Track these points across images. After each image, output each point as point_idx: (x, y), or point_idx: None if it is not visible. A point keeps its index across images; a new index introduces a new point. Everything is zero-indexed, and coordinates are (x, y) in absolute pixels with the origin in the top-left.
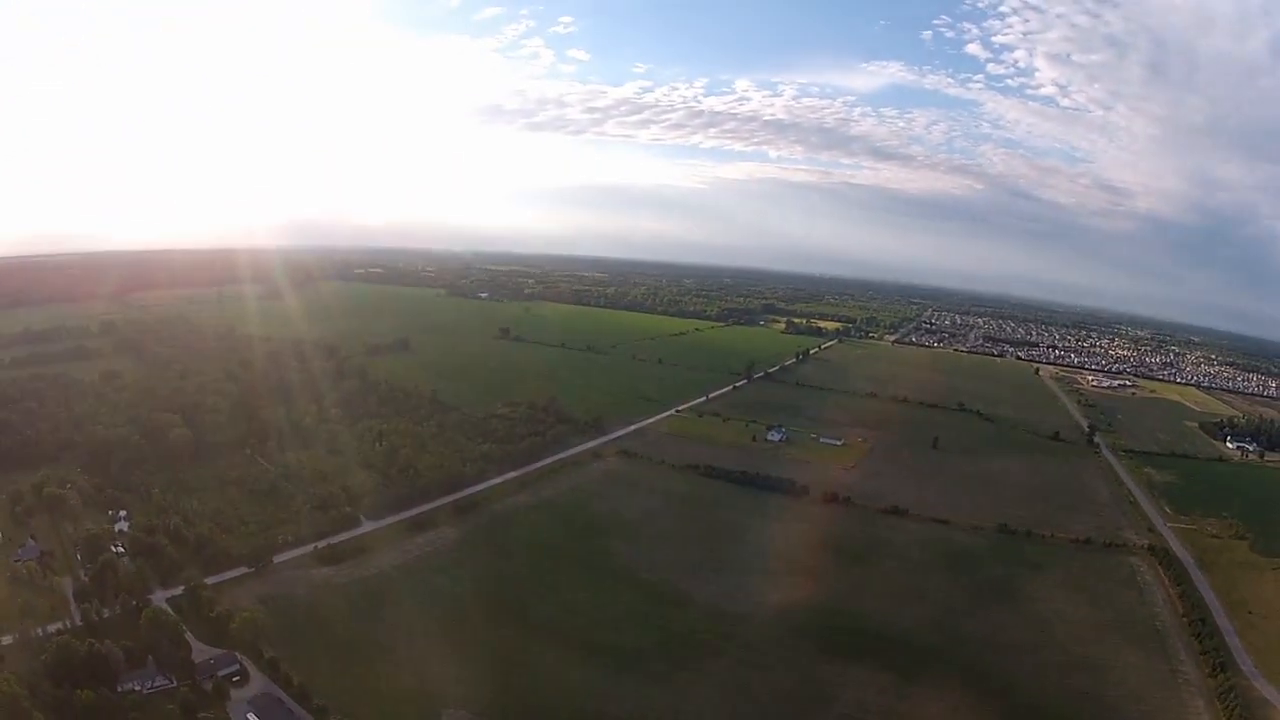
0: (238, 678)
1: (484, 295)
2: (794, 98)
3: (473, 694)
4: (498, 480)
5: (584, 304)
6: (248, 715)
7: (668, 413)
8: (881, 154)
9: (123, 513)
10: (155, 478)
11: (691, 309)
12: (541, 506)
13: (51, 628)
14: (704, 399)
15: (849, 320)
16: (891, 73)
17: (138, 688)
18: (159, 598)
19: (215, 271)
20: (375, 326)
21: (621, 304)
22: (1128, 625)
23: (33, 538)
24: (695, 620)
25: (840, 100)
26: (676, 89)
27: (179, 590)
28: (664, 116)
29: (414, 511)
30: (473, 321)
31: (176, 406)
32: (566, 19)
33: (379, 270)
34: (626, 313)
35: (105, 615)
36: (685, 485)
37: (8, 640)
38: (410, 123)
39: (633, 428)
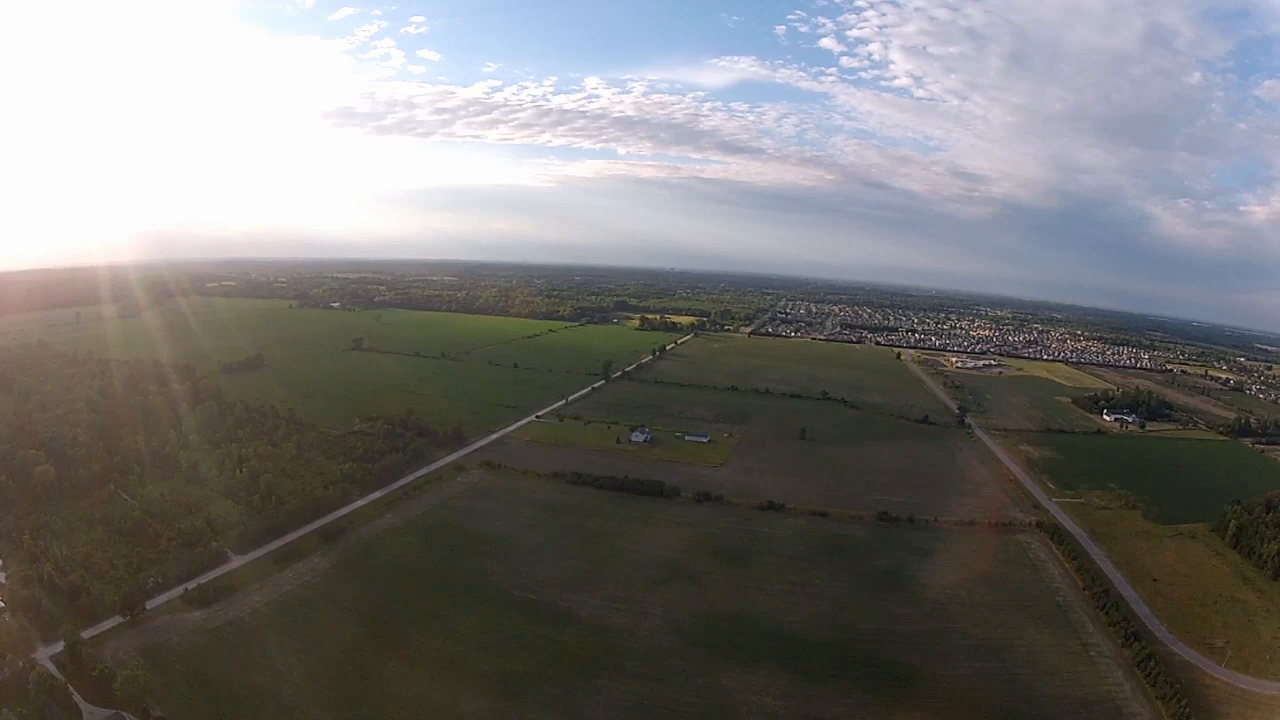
0: None
1: (335, 305)
2: (643, 94)
3: None
4: (362, 502)
5: (435, 309)
6: None
7: (528, 419)
8: (731, 148)
9: None
10: (25, 521)
11: (544, 310)
12: (409, 527)
13: None
14: (563, 402)
15: (703, 314)
16: (743, 68)
17: None
18: (42, 655)
19: (72, 292)
20: (230, 342)
21: (473, 308)
22: (1028, 603)
23: None
24: (582, 637)
25: (690, 96)
26: (525, 88)
27: (59, 647)
28: (513, 116)
29: (281, 542)
30: (325, 333)
31: (39, 441)
32: (419, 19)
33: (232, 283)
34: (479, 316)
35: None
36: (553, 494)
37: None
38: (261, 127)
39: (493, 437)
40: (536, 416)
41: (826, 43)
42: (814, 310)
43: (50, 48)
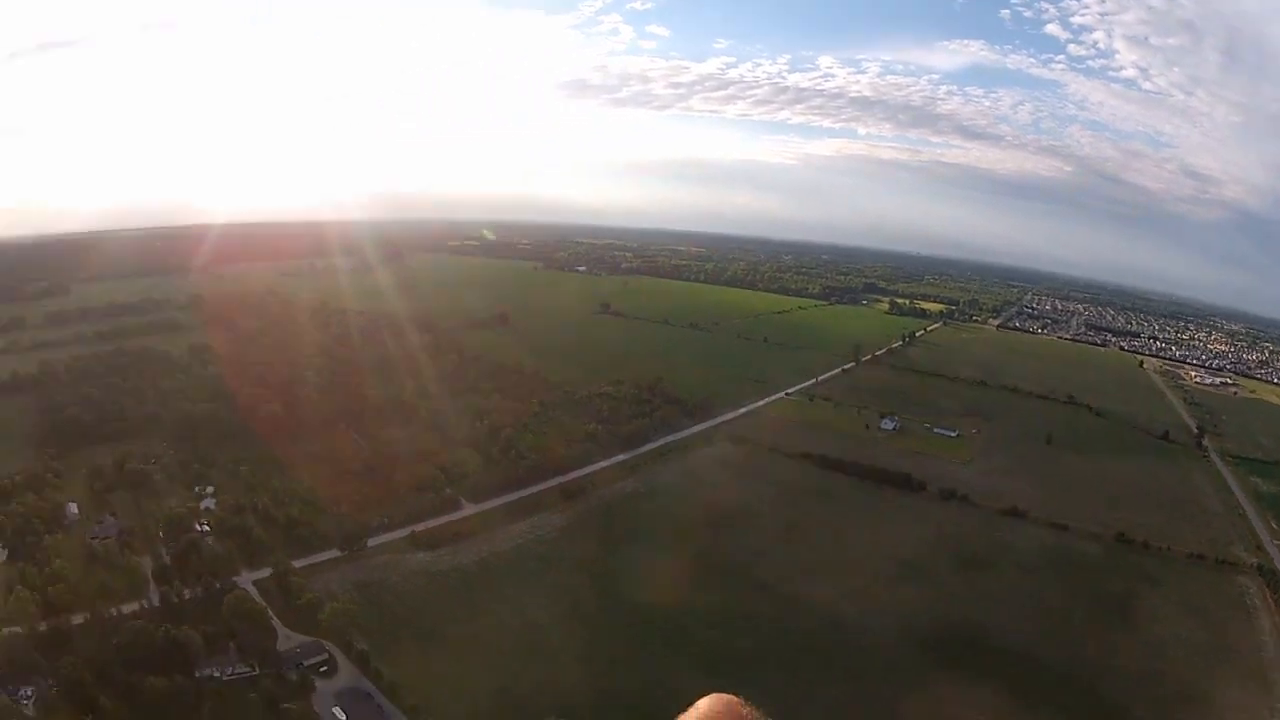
0: (325, 668)
1: (581, 269)
2: (878, 75)
3: (575, 698)
4: (605, 463)
5: (684, 279)
6: (334, 710)
7: (776, 396)
8: (969, 133)
9: (209, 489)
10: (244, 455)
11: (793, 286)
12: (650, 493)
13: (128, 609)
14: (813, 382)
15: (951, 302)
16: (973, 51)
17: (217, 674)
18: (245, 580)
19: (306, 244)
20: (471, 301)
21: (721, 279)
22: (1235, 654)
23: (112, 514)
24: (812, 626)
25: (925, 78)
26: (760, 65)
27: (266, 573)
28: (749, 92)
29: (516, 495)
30: (572, 296)
31: (268, 382)
32: None
33: (474, 243)
34: (728, 289)
35: (186, 597)
36: (799, 476)
37: (79, 620)
38: (498, 98)
39: (742, 411)
40: (786, 394)
41: (1052, 29)
42: (1058, 307)
43: (308, 28)
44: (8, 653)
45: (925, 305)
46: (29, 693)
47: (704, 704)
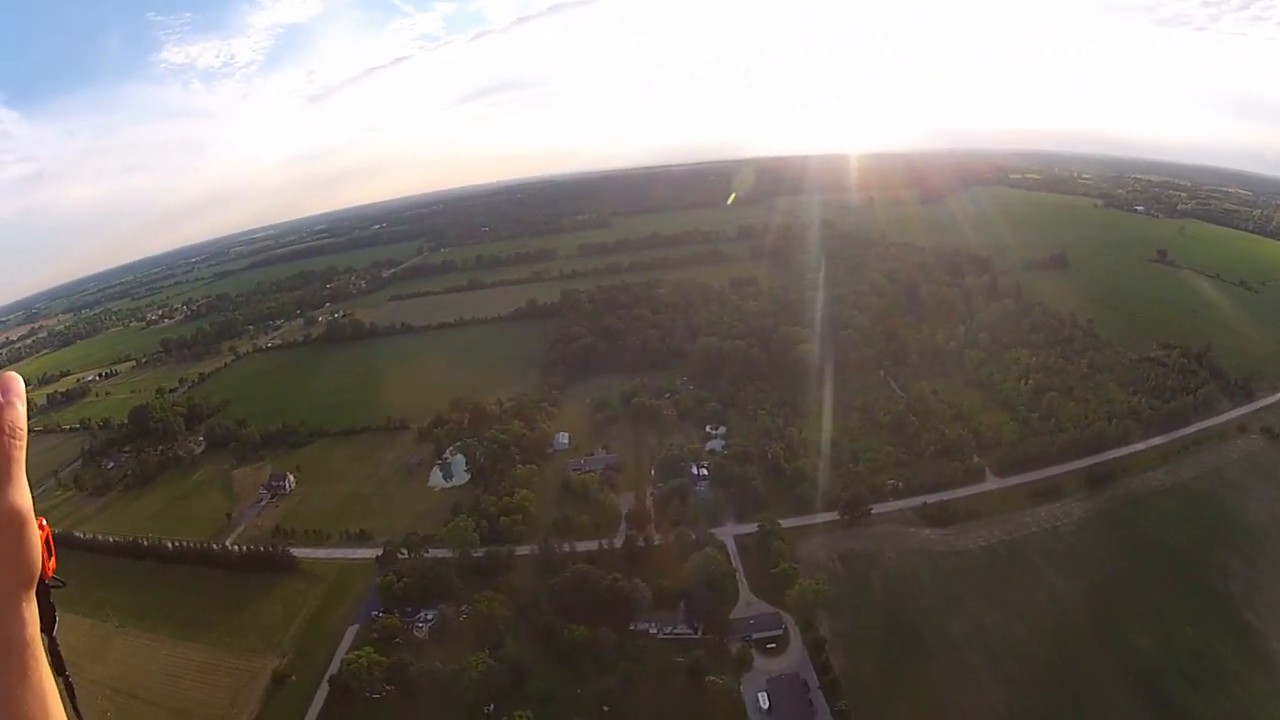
0: (773, 645)
1: (1140, 208)
2: None
3: None
4: (1140, 446)
5: (1233, 226)
6: (759, 696)
7: None
8: None
9: (721, 429)
10: (767, 396)
11: None
12: (1175, 491)
13: (584, 547)
14: None
15: None
16: None
17: (652, 630)
18: (727, 532)
19: (867, 177)
20: (1029, 238)
21: (1268, 230)
22: None
23: (605, 448)
24: (1270, 693)
25: None
26: None
27: (751, 528)
28: (1269, 13)
29: (1043, 473)
30: (1127, 238)
31: (808, 320)
32: None
33: (1036, 176)
34: (1272, 241)
35: (656, 543)
36: None
37: (524, 551)
38: (1037, 24)
39: (1278, 397)
40: None
41: None
42: None
43: None
44: (422, 574)
45: None
46: (429, 616)
47: None
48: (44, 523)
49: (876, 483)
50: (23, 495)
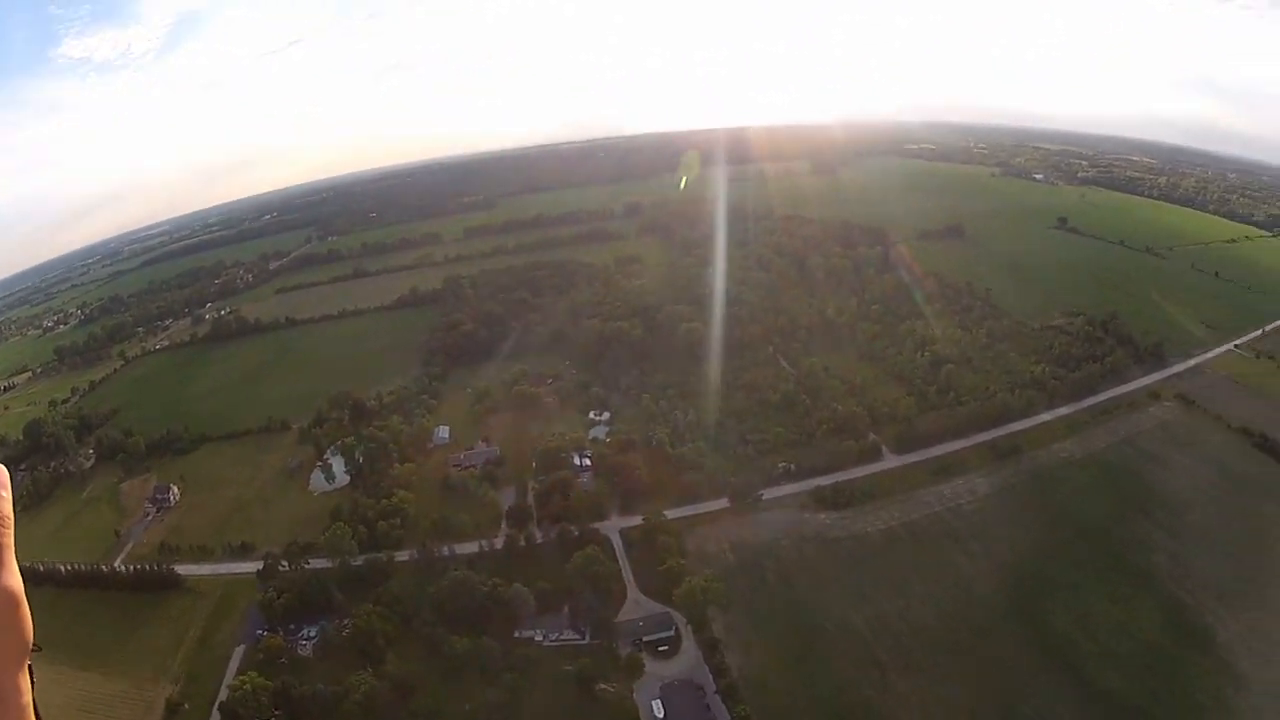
0: (665, 647)
1: (1039, 177)
2: None
3: None
4: (1046, 416)
5: (1136, 193)
6: (653, 704)
7: (1225, 347)
8: None
9: (605, 415)
10: (652, 379)
11: (1240, 210)
12: (1087, 462)
13: (464, 549)
14: (1259, 333)
15: None
16: None
17: (538, 638)
18: (612, 526)
19: (761, 150)
20: (925, 207)
21: (1173, 196)
22: None
23: (485, 440)
24: (1204, 672)
25: None
26: None
27: (637, 521)
28: None
29: (944, 449)
30: (1027, 206)
31: (694, 297)
32: None
33: (931, 146)
34: (1179, 208)
35: (538, 541)
36: (1238, 457)
37: (404, 557)
38: None
39: (1191, 362)
40: (1234, 346)
41: None
42: None
43: None
44: (301, 588)
45: None
46: (312, 633)
47: None
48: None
49: (767, 466)
50: (15, 577)
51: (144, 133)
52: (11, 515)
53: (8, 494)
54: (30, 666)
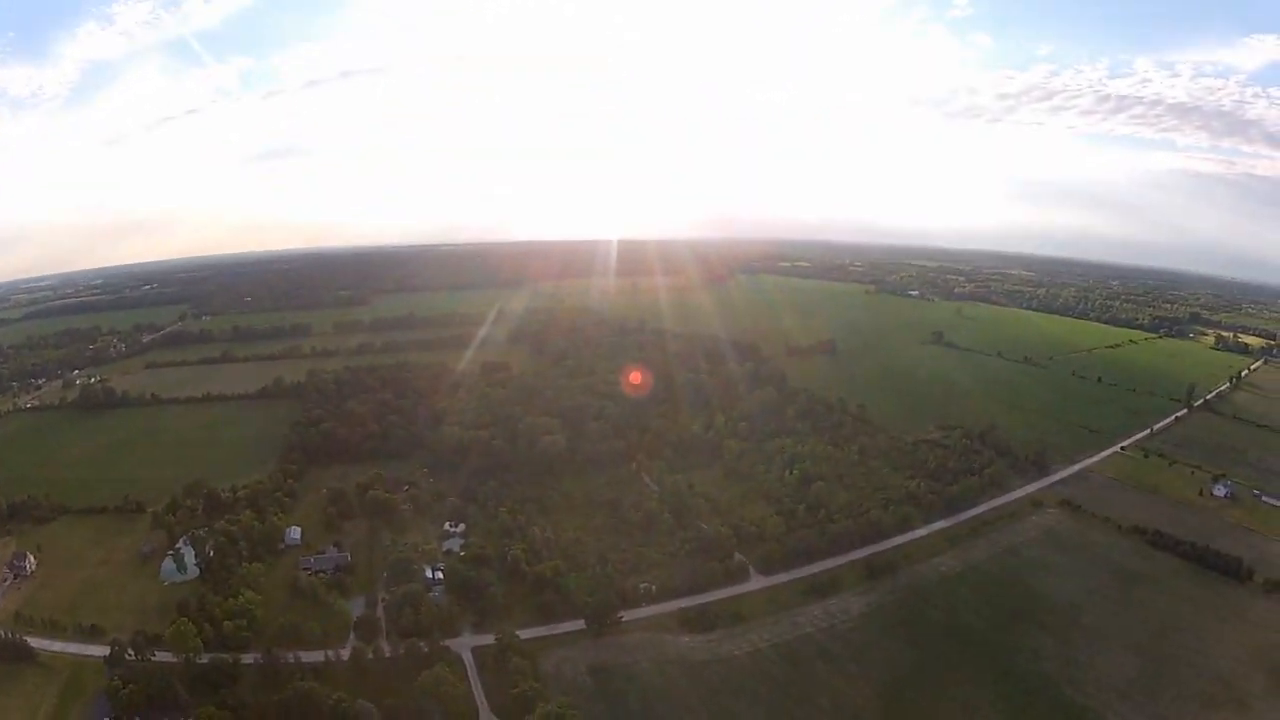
0: None
1: (914, 293)
2: (1191, 78)
3: None
4: (922, 531)
5: (1015, 305)
6: None
7: (1111, 450)
8: (1276, 141)
9: (459, 528)
10: (511, 491)
11: (1123, 316)
12: (966, 575)
13: (310, 658)
14: (1147, 433)
15: (1270, 335)
16: (1270, 47)
17: None
18: (464, 644)
19: (634, 262)
20: (797, 325)
21: (1052, 307)
22: None
23: (336, 545)
24: None
25: (1232, 79)
26: (1081, 71)
27: (489, 639)
28: (1073, 102)
29: (815, 568)
30: (903, 323)
31: (557, 409)
32: (962, 1)
33: (806, 264)
34: (1059, 318)
35: (386, 655)
36: (1128, 556)
37: (249, 660)
38: (832, 111)
39: (1075, 468)
40: (1120, 448)
41: None
42: None
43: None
44: (148, 681)
45: (1246, 339)
46: None
47: None
48: None
49: (627, 587)
50: None
51: (43, 179)
52: None
53: None
54: None
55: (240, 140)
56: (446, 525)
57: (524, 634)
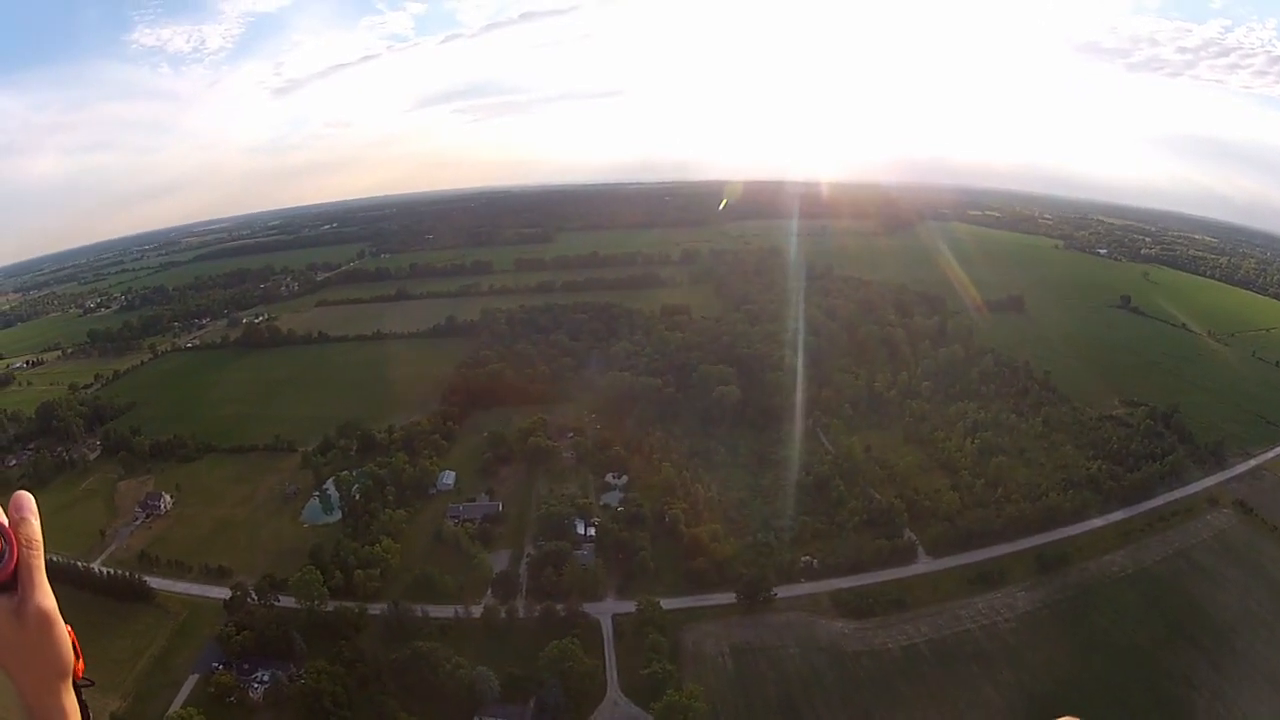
0: None
1: (1102, 251)
2: None
3: None
4: (1098, 522)
5: (1198, 273)
6: None
7: None
8: None
9: (623, 479)
10: (678, 443)
11: None
12: (1137, 578)
13: (439, 613)
14: None
15: None
16: None
17: None
18: (605, 609)
19: (824, 204)
20: (986, 278)
21: (1234, 278)
22: None
23: (488, 493)
24: None
25: None
26: (1253, 30)
27: (631, 607)
28: (1248, 61)
29: (984, 554)
30: (1089, 282)
31: (734, 357)
32: None
33: (996, 214)
34: (1239, 290)
35: (519, 616)
36: None
37: (376, 611)
38: (1011, 62)
39: (1251, 463)
40: None
41: None
42: None
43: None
44: (263, 628)
45: None
46: (265, 677)
47: None
48: (71, 629)
49: (786, 560)
50: (48, 597)
51: (213, 128)
52: (40, 539)
53: (35, 519)
54: (84, 701)
55: (421, 83)
56: (609, 476)
57: (669, 603)
